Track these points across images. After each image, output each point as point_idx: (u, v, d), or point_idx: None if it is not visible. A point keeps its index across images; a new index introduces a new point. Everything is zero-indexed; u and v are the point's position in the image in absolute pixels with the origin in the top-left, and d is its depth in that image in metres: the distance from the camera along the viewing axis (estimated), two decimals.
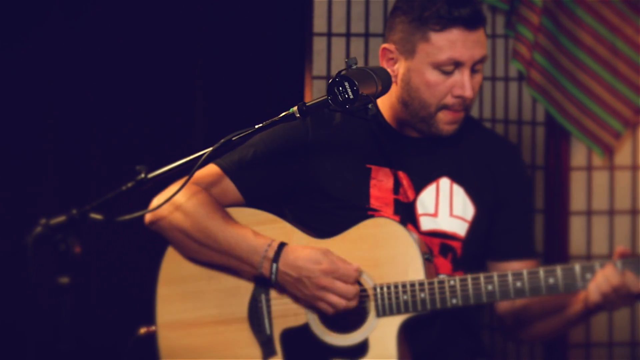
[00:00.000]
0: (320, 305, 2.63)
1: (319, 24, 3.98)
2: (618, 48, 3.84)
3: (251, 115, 3.95)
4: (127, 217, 2.34)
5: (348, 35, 4.02)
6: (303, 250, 2.63)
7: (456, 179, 2.76)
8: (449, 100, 2.67)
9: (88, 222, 2.34)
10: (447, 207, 2.74)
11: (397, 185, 2.74)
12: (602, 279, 2.53)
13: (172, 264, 2.77)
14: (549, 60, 3.86)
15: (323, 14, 3.98)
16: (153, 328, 2.76)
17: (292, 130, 2.72)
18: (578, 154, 3.96)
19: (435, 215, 2.74)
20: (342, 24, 4.01)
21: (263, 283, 2.71)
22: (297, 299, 2.68)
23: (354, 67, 2.42)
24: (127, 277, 3.81)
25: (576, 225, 3.97)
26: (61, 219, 2.32)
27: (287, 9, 4.01)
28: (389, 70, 2.64)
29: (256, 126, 2.44)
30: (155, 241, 2.71)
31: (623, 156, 3.99)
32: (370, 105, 2.40)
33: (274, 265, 2.63)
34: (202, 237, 2.69)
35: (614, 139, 3.91)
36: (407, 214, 2.73)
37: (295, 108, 2.44)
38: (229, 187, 2.74)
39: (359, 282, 2.67)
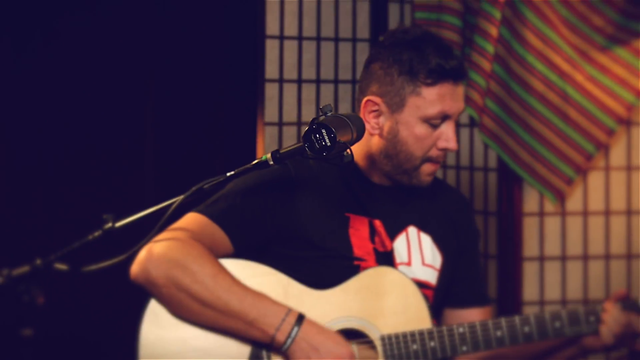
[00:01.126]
0: None
1: (271, 70, 3.97)
2: (568, 94, 3.88)
3: (204, 161, 3.95)
4: (94, 267, 2.29)
5: (300, 81, 4.01)
6: (324, 326, 2.55)
7: (423, 227, 2.76)
8: (434, 152, 2.67)
9: (52, 273, 2.29)
10: (419, 255, 2.74)
11: (373, 234, 2.71)
12: (612, 321, 2.63)
13: (155, 323, 2.60)
14: (501, 107, 3.89)
15: (275, 60, 3.98)
16: None
17: (276, 171, 2.57)
18: (530, 199, 3.98)
19: (409, 264, 2.72)
20: (293, 70, 4.00)
21: (260, 345, 2.58)
22: None
23: (329, 114, 2.41)
24: (95, 329, 3.73)
25: (529, 271, 3.98)
26: (24, 269, 2.26)
27: (239, 55, 3.99)
28: (372, 122, 2.64)
29: (227, 174, 2.40)
30: (126, 291, 2.62)
31: (574, 202, 4.02)
32: (345, 153, 2.39)
33: (295, 330, 2.53)
34: (209, 297, 2.54)
35: (565, 185, 3.93)
36: (386, 264, 2.70)
37: (269, 155, 2.40)
38: (220, 237, 2.61)
39: (364, 334, 2.62)
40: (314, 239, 2.66)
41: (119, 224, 2.32)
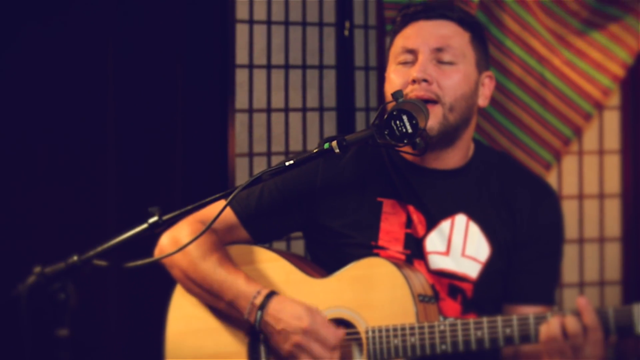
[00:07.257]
0: None
1: (241, 55, 3.87)
2: (546, 79, 3.87)
3: (174, 151, 3.80)
4: (139, 262, 2.17)
5: (269, 67, 3.91)
6: (290, 303, 2.57)
7: (473, 216, 2.63)
8: (408, 88, 2.56)
9: (89, 270, 2.17)
10: (460, 246, 2.62)
11: (410, 219, 2.64)
12: (557, 323, 2.38)
13: (179, 299, 2.74)
14: None
15: (244, 45, 3.87)
16: None
17: (301, 177, 2.65)
18: None
19: (446, 253, 2.63)
20: (262, 55, 3.90)
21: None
22: (277, 349, 2.60)
23: (401, 100, 2.32)
24: (132, 327, 3.56)
25: None
26: (59, 266, 2.15)
27: (209, 41, 3.86)
28: None
29: (286, 163, 2.31)
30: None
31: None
32: (418, 140, 2.30)
33: (259, 313, 2.58)
34: (197, 277, 2.65)
35: (544, 170, 3.93)
36: (416, 250, 2.63)
37: (335, 143, 2.31)
38: (235, 223, 2.70)
39: (351, 325, 2.58)
40: (338, 228, 2.65)
41: (166, 217, 2.20)
